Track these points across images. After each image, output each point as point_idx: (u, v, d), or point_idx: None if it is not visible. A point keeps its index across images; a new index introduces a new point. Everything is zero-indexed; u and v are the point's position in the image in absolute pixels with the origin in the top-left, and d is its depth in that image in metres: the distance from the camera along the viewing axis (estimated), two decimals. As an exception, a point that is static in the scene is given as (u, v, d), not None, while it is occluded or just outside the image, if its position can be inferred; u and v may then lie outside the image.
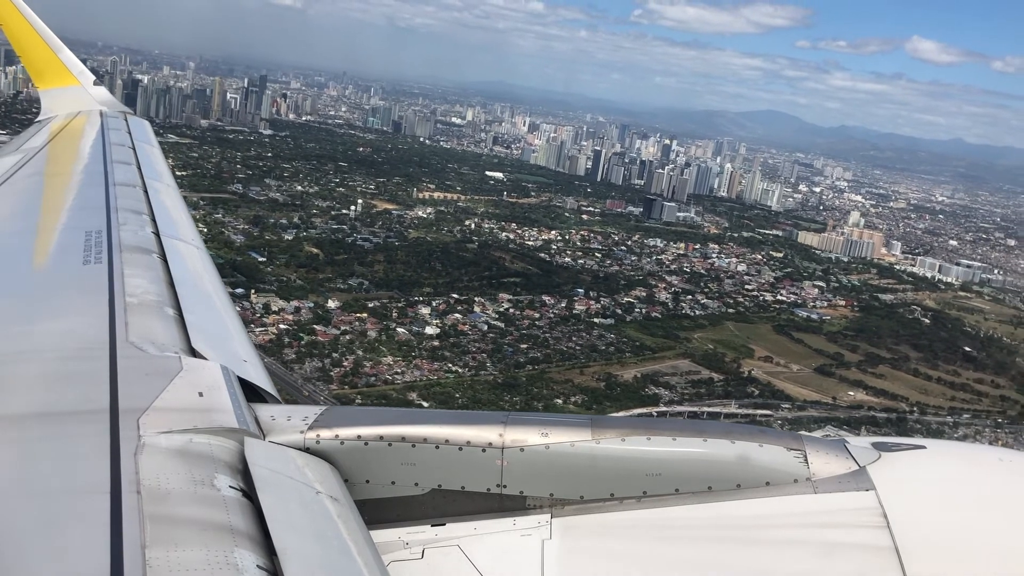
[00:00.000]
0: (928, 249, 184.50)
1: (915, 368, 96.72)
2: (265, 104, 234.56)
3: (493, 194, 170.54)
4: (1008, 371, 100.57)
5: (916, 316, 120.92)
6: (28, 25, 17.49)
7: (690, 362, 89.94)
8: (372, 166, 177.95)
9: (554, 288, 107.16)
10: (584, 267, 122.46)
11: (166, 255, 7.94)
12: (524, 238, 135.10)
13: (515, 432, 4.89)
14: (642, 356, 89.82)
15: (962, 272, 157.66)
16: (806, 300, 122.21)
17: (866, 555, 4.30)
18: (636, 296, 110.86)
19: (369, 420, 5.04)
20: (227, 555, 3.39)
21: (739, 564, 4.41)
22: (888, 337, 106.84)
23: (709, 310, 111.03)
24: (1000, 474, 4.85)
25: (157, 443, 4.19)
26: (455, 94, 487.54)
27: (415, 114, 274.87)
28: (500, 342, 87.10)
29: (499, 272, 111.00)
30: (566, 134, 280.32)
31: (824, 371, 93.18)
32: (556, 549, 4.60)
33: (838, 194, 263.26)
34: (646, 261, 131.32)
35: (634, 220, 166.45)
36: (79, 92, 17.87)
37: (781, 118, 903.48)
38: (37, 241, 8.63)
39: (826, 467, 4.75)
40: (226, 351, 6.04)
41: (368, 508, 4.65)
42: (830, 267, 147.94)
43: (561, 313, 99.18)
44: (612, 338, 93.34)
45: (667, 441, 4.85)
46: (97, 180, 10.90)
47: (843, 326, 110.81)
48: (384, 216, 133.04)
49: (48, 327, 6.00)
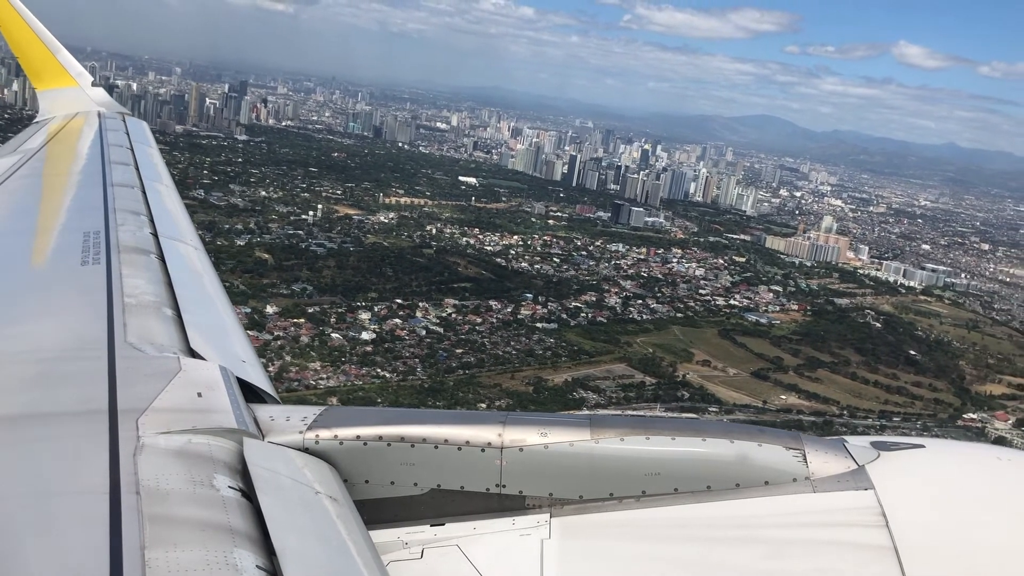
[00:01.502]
0: (898, 253, 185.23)
1: (853, 372, 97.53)
2: (244, 110, 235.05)
3: (462, 199, 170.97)
4: (948, 374, 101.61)
5: (867, 320, 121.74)
6: (26, 26, 17.71)
7: (626, 366, 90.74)
8: (343, 171, 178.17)
9: (504, 293, 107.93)
10: (539, 272, 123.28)
11: (164, 256, 7.99)
12: (484, 243, 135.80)
13: (514, 432, 4.93)
14: (578, 360, 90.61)
15: (926, 276, 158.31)
16: (759, 304, 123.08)
17: (865, 554, 4.32)
18: (585, 301, 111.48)
19: (368, 420, 5.08)
20: (226, 555, 3.41)
21: (738, 564, 4.43)
22: (833, 341, 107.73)
23: (658, 315, 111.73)
24: (999, 473, 4.89)
25: (156, 444, 4.21)
26: (447, 99, 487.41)
27: (395, 119, 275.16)
28: (436, 347, 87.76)
29: (451, 277, 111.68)
30: (548, 139, 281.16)
31: (760, 375, 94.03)
32: (555, 549, 4.62)
33: (818, 199, 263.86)
34: (604, 266, 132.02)
35: (601, 225, 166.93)
36: (77, 93, 17.99)
37: (774, 123, 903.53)
38: (35, 242, 8.66)
39: (825, 466, 4.79)
40: (225, 351, 6.05)
41: (367, 508, 4.69)
42: (791, 272, 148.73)
43: (505, 318, 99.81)
44: (552, 343, 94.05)
45: (666, 441, 4.89)
46: (95, 181, 10.96)
47: (790, 330, 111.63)
48: (344, 221, 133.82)
49: (46, 328, 6.03)
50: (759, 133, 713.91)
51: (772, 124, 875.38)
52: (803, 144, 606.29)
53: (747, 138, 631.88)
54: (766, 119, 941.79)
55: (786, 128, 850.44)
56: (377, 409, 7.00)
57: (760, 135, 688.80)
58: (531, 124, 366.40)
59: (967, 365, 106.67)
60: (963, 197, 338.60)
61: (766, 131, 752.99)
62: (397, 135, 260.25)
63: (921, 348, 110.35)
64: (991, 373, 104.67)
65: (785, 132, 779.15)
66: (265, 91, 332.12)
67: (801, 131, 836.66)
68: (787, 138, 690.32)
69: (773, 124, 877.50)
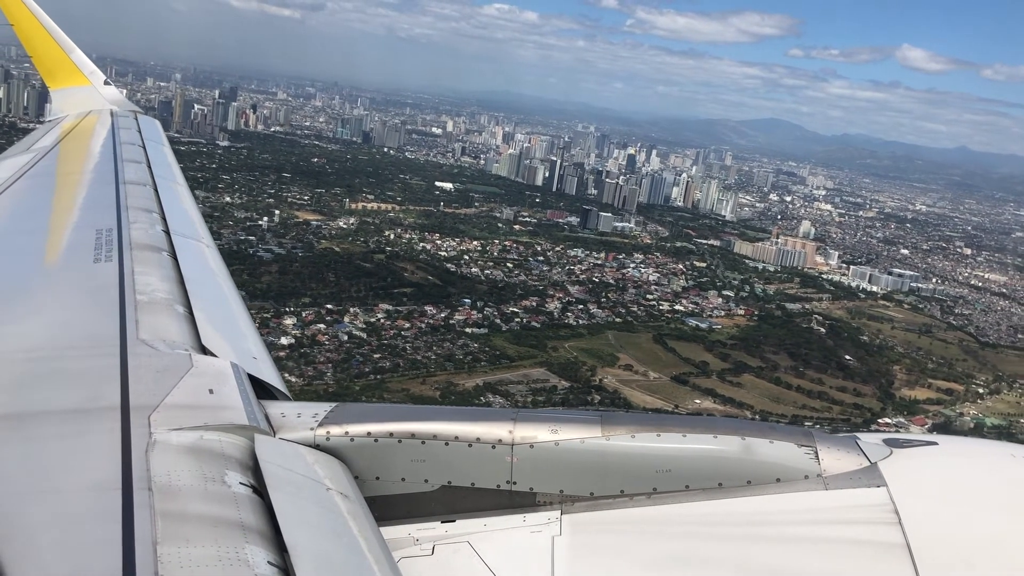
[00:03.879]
0: (871, 258, 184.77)
1: (779, 377, 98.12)
2: (232, 115, 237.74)
3: (432, 205, 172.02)
4: (878, 379, 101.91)
5: (812, 325, 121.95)
6: (40, 25, 17.96)
7: (545, 371, 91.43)
8: (317, 177, 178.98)
9: (444, 298, 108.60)
10: (488, 277, 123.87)
11: (176, 253, 8.06)
12: (440, 248, 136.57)
13: (525, 429, 4.96)
14: (498, 365, 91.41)
15: (892, 281, 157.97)
16: (705, 310, 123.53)
17: (877, 552, 4.33)
18: (524, 306, 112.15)
19: (379, 417, 5.15)
20: (238, 551, 3.43)
21: (750, 561, 4.43)
22: (769, 346, 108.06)
23: (596, 320, 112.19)
24: (1011, 470, 4.88)
25: (168, 440, 4.25)
26: (453, 104, 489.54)
27: (384, 125, 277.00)
28: (354, 352, 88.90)
29: (394, 283, 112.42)
30: (539, 144, 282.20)
31: (680, 379, 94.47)
32: (566, 546, 4.64)
33: (809, 203, 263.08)
34: (557, 271, 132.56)
35: (568, 230, 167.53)
36: (90, 92, 18.23)
37: (782, 126, 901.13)
38: (48, 239, 8.73)
39: (837, 463, 4.80)
40: (236, 348, 6.11)
41: (378, 505, 4.72)
42: (751, 277, 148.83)
43: (437, 323, 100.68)
44: (476, 347, 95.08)
45: (677, 438, 4.90)
46: (108, 179, 11.03)
47: (728, 335, 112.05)
48: (301, 227, 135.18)
49: (59, 324, 6.11)
50: (767, 137, 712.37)
51: (780, 128, 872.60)
52: (811, 148, 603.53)
53: (755, 142, 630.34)
54: (774, 123, 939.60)
55: (794, 132, 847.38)
56: (388, 406, 7.19)
57: (768, 139, 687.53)
58: (533, 129, 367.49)
59: (902, 370, 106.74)
60: (963, 201, 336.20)
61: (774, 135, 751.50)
62: (386, 140, 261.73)
63: (859, 353, 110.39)
64: (924, 378, 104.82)
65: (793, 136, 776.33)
66: (264, 96, 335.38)
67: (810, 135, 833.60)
68: (795, 142, 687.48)
69: (781, 128, 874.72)
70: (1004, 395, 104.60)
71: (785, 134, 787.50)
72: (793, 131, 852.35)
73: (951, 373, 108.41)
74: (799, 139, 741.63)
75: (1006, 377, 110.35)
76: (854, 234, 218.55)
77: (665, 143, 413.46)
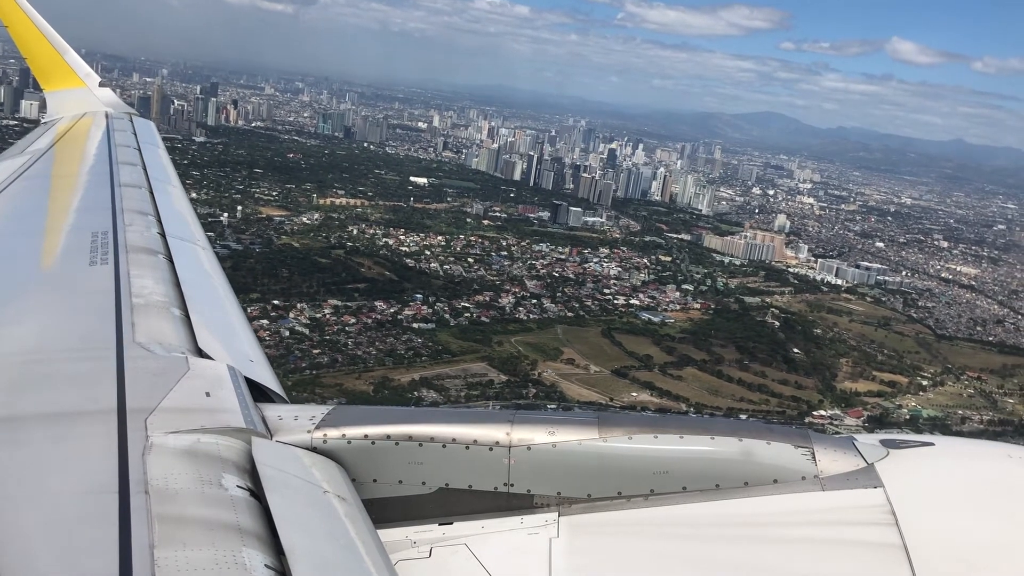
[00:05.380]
0: (843, 251, 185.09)
1: (721, 370, 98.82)
2: (212, 111, 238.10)
3: (403, 200, 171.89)
4: (822, 372, 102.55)
5: (766, 319, 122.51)
6: (34, 27, 17.86)
7: (486, 365, 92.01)
8: (290, 172, 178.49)
9: (397, 294, 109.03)
10: (447, 273, 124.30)
11: (172, 256, 8.09)
12: (403, 244, 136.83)
13: (522, 431, 4.97)
14: (439, 360, 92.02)
15: (858, 274, 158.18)
16: (660, 304, 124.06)
17: (874, 553, 4.35)
18: (477, 301, 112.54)
19: (376, 419, 5.13)
20: (235, 555, 3.44)
21: (747, 562, 4.45)
22: (717, 340, 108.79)
23: (548, 314, 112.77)
24: (1009, 471, 4.90)
25: (165, 443, 4.25)
26: (446, 99, 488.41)
27: (365, 119, 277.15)
28: (293, 348, 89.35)
29: (348, 278, 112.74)
30: (523, 138, 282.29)
31: (620, 373, 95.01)
32: (563, 548, 4.64)
33: (791, 197, 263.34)
34: (518, 266, 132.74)
35: (538, 225, 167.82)
36: (85, 94, 18.19)
37: (778, 120, 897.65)
38: (44, 242, 8.71)
39: (834, 464, 4.82)
40: (233, 351, 6.11)
41: (375, 507, 4.71)
42: (715, 271, 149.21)
43: (384, 318, 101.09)
44: (419, 343, 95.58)
45: (674, 439, 4.91)
46: (103, 181, 11.04)
47: (678, 329, 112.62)
48: (263, 223, 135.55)
49: (55, 328, 6.10)
50: (762, 131, 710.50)
51: (775, 121, 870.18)
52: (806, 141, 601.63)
53: (749, 135, 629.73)
54: (770, 116, 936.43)
55: (790, 125, 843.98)
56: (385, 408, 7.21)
57: (763, 132, 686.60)
58: (523, 123, 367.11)
59: (849, 363, 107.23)
60: (951, 194, 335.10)
61: (769, 129, 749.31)
62: (368, 135, 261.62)
63: (808, 347, 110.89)
64: (870, 371, 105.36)
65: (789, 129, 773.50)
66: (251, 92, 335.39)
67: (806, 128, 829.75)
68: (790, 135, 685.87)
69: (776, 121, 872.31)
70: (948, 387, 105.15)
71: (781, 127, 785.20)
72: (789, 124, 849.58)
73: (899, 366, 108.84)
74: (794, 132, 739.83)
75: (955, 369, 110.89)
76: (832, 227, 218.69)
77: (657, 137, 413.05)
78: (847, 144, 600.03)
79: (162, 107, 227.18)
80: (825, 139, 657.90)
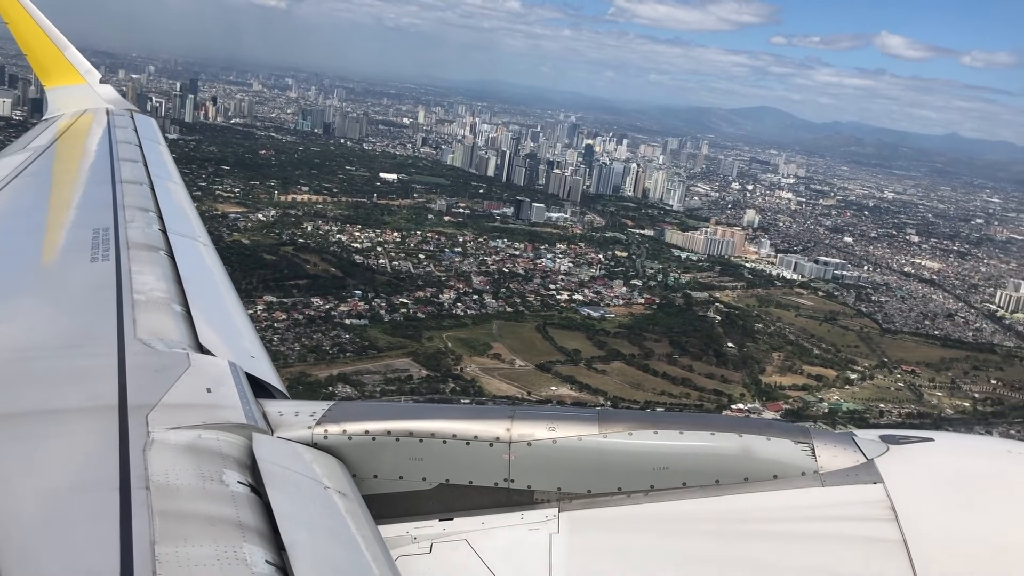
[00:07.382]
0: (808, 246, 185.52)
1: (647, 364, 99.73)
2: (188, 108, 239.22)
3: (367, 196, 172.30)
4: (751, 366, 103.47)
5: (708, 313, 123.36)
6: (34, 24, 17.84)
7: (410, 361, 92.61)
8: (258, 169, 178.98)
9: (338, 290, 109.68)
10: (395, 269, 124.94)
11: (173, 252, 8.07)
12: (357, 240, 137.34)
13: (522, 426, 4.99)
14: (363, 356, 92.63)
15: (815, 269, 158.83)
16: (605, 299, 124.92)
17: (874, 548, 4.36)
18: (417, 297, 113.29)
19: (377, 415, 5.15)
20: (236, 550, 3.43)
21: (747, 558, 4.47)
22: (653, 334, 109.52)
23: (488, 310, 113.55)
24: (1008, 466, 4.90)
25: (166, 439, 4.23)
26: (439, 94, 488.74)
27: (345, 116, 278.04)
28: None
29: (291, 275, 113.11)
30: (504, 134, 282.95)
31: (545, 367, 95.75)
32: (564, 543, 4.66)
33: (770, 191, 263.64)
34: (469, 262, 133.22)
35: (500, 221, 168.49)
36: (85, 90, 18.12)
37: (773, 114, 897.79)
38: (45, 238, 8.69)
39: (834, 460, 4.83)
40: (234, 347, 6.13)
41: (376, 503, 4.70)
42: (669, 266, 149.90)
43: (318, 314, 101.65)
44: (347, 339, 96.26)
45: (674, 435, 4.93)
46: (104, 178, 11.01)
47: (617, 324, 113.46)
48: (217, 219, 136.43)
49: (56, 324, 6.10)
50: (757, 125, 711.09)
51: (770, 116, 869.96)
52: (800, 136, 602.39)
53: (744, 130, 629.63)
54: (765, 111, 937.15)
55: (785, 120, 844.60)
56: (386, 404, 7.21)
57: (757, 127, 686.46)
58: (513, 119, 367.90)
59: (781, 357, 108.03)
60: (938, 188, 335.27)
61: (764, 123, 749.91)
62: (347, 131, 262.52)
63: (744, 341, 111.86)
64: (800, 365, 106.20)
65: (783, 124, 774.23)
66: (237, 88, 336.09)
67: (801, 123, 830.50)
68: (784, 130, 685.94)
69: (771, 116, 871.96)
70: (878, 380, 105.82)
71: (775, 122, 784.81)
72: (784, 119, 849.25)
73: (832, 360, 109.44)
74: (789, 127, 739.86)
75: (890, 363, 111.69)
76: (804, 222, 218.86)
77: (649, 132, 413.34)
78: (840, 139, 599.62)
79: (138, 104, 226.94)
80: (819, 134, 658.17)
